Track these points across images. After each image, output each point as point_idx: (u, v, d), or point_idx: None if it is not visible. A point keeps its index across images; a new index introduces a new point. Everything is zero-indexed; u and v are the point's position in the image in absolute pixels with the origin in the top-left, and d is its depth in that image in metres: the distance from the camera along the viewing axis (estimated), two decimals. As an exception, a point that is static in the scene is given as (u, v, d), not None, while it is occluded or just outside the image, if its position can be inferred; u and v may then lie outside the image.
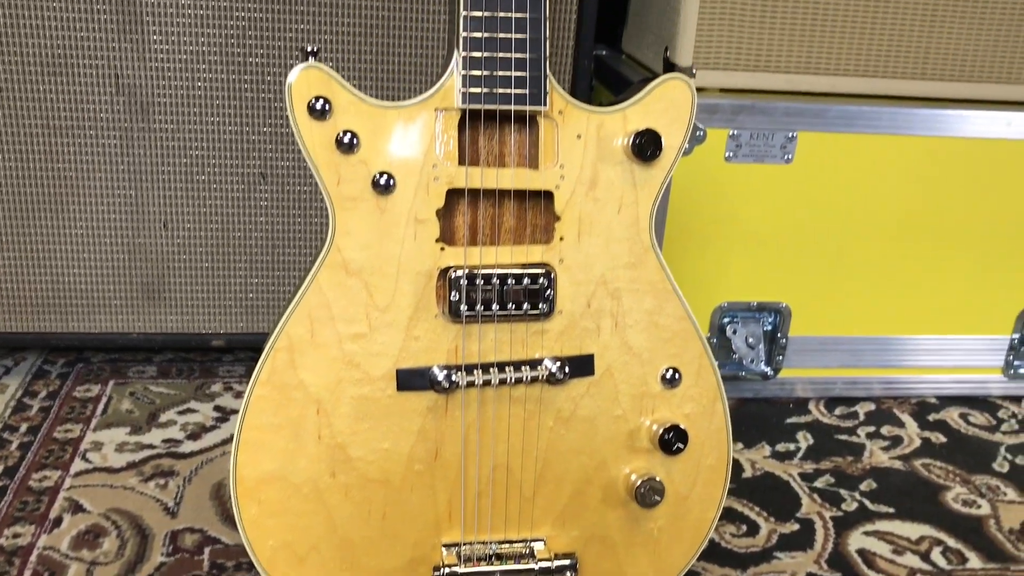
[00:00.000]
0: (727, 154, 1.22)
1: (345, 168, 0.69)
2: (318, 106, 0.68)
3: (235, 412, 1.22)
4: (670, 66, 1.21)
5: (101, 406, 1.22)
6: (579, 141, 0.72)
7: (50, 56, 1.10)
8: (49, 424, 1.17)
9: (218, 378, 1.31)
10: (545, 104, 0.70)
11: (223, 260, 1.22)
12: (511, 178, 0.71)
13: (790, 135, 1.22)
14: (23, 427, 1.16)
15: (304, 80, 0.68)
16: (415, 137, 0.69)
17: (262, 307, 1.24)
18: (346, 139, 0.68)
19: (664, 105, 0.73)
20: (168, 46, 1.12)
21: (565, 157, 0.71)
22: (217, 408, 1.23)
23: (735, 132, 1.21)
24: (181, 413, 1.22)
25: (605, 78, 1.41)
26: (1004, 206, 1.28)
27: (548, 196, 0.72)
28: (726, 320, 1.30)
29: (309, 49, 0.69)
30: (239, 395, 1.27)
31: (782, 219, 1.25)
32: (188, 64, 1.13)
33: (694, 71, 1.20)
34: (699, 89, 1.20)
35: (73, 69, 1.11)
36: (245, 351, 1.37)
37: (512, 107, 0.69)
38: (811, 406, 1.34)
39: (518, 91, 0.69)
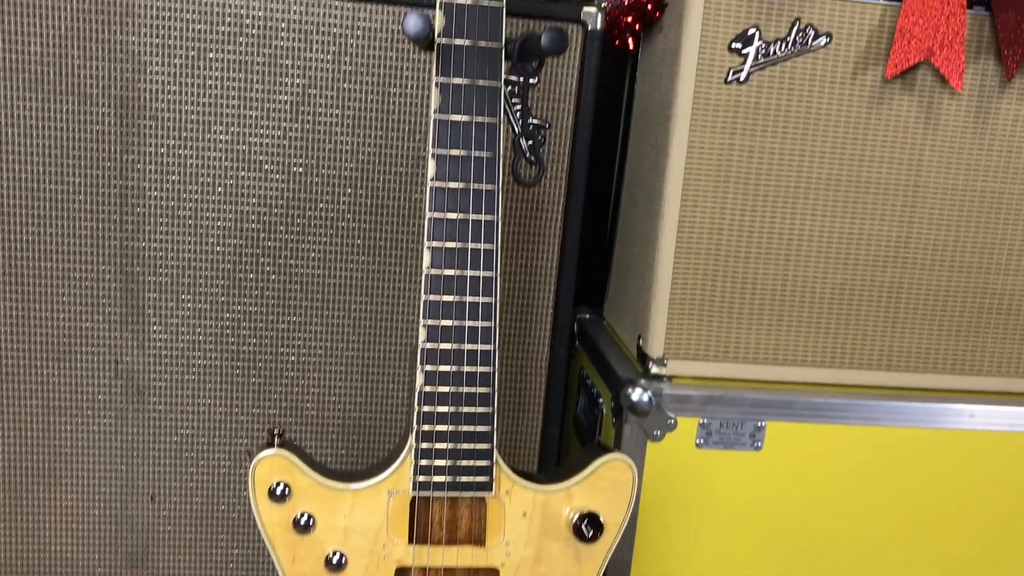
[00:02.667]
0: (698, 441, 1.26)
1: (300, 547, 0.73)
2: (278, 491, 0.73)
3: None
4: (643, 355, 1.27)
5: (76, 672, 1.23)
6: (524, 519, 0.76)
7: (55, 344, 1.17)
8: None
9: (195, 640, 1.32)
10: (492, 490, 0.74)
11: (206, 531, 1.25)
12: (458, 556, 0.75)
13: (759, 424, 1.26)
14: None
15: (267, 466, 0.74)
16: (368, 517, 0.74)
17: (241, 576, 1.27)
18: (303, 520, 0.73)
19: (607, 484, 0.77)
20: (167, 335, 1.19)
21: (511, 534, 0.76)
22: None
23: (705, 421, 1.25)
24: None
25: (586, 344, 1.47)
26: (972, 494, 1.30)
27: (494, 570, 0.76)
28: (700, 599, 1.30)
29: (276, 432, 0.75)
30: (213, 661, 1.28)
31: (754, 503, 1.28)
32: (184, 352, 1.20)
33: (666, 361, 1.26)
34: (670, 377, 1.26)
35: (76, 356, 1.18)
36: (224, 610, 1.39)
37: (461, 494, 0.74)
38: None
39: (467, 479, 0.73)
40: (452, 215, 0.73)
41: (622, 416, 1.25)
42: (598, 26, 1.15)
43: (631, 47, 1.26)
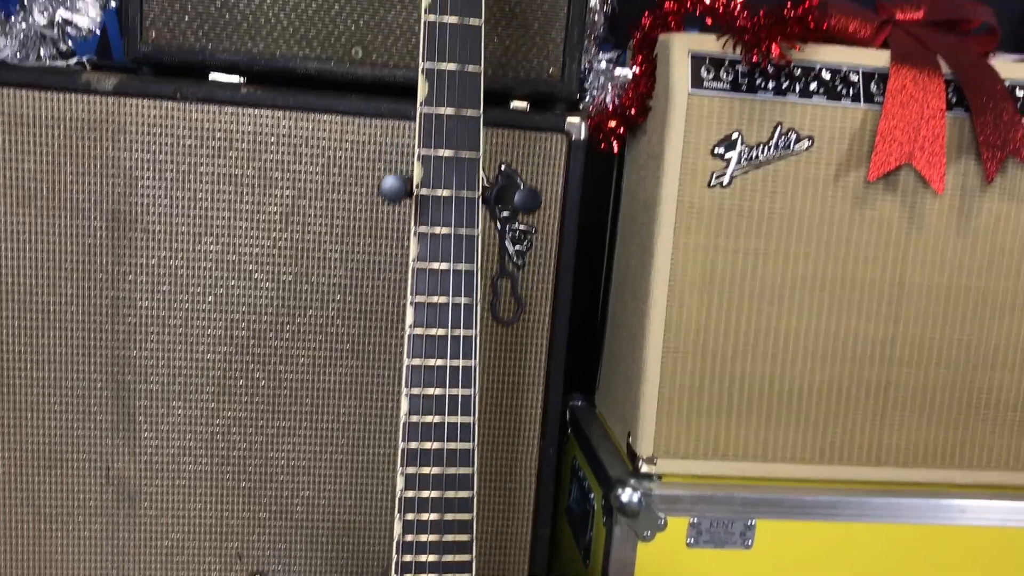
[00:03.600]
0: (688, 540, 1.26)
1: None
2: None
3: None
4: (633, 454, 1.28)
5: None
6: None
7: (47, 451, 1.18)
8: None
9: None
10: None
11: (196, 635, 1.25)
12: None
13: (749, 523, 1.26)
14: None
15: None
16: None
17: None
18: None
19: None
20: (157, 442, 1.20)
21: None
22: None
23: (695, 520, 1.25)
24: None
25: (578, 434, 1.48)
26: (966, 590, 1.30)
27: None
28: None
29: (257, 573, 0.75)
30: None
31: (745, 601, 1.28)
32: (175, 457, 1.20)
33: (655, 460, 1.26)
34: (660, 476, 1.27)
35: (67, 464, 1.19)
36: None
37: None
38: None
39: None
40: (431, 361, 0.74)
41: (612, 516, 1.25)
42: (582, 136, 1.17)
43: (615, 150, 1.28)
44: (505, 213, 0.80)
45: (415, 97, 0.86)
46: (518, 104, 1.19)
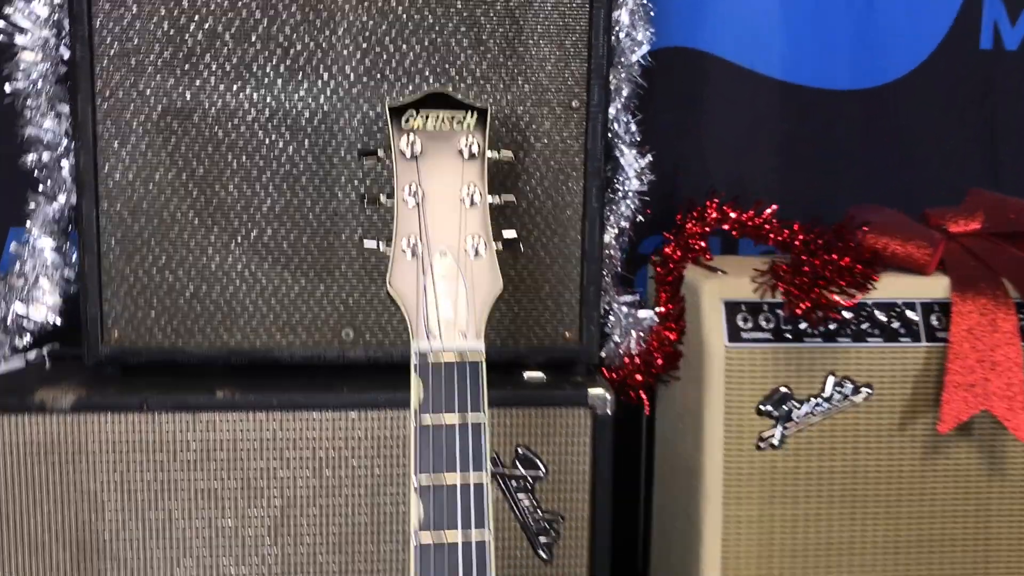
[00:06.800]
0: None
1: None
2: None
3: None
4: None
5: None
6: None
7: None
8: None
9: None
10: None
11: None
12: None
13: None
14: None
15: None
16: None
17: None
18: None
19: None
20: None
21: None
22: None
23: None
24: None
25: None
26: None
27: None
28: None
29: None
30: None
31: None
32: None
33: None
34: None
35: None
36: None
37: None
38: None
39: None
40: None
41: None
42: (608, 410, 1.02)
43: (646, 409, 1.13)
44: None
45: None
46: (532, 374, 1.05)
